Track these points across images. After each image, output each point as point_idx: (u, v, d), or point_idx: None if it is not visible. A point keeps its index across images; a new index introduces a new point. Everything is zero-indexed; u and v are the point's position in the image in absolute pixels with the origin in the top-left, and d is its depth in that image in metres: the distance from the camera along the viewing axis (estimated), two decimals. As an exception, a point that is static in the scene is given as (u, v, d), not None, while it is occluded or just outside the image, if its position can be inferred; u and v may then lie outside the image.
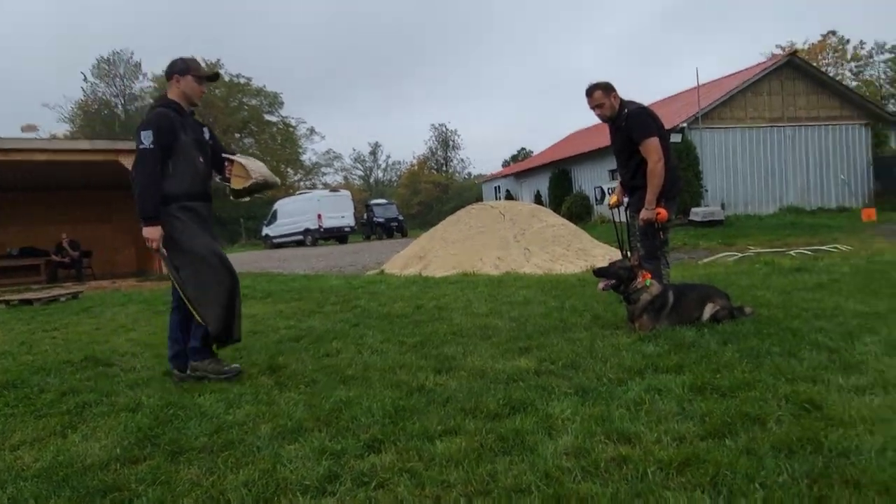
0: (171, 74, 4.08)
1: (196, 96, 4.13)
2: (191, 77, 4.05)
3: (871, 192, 22.15)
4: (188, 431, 2.92)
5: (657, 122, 4.80)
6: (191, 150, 4.01)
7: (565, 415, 2.74)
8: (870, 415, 2.48)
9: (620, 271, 4.52)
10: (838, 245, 11.48)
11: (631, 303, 4.53)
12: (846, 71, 46.83)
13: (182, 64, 4.07)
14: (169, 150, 3.89)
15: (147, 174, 3.84)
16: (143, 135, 3.82)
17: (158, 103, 4.08)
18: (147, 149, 3.82)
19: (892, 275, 6.24)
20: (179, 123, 3.98)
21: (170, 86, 4.10)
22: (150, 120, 3.91)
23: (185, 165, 3.98)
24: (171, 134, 3.91)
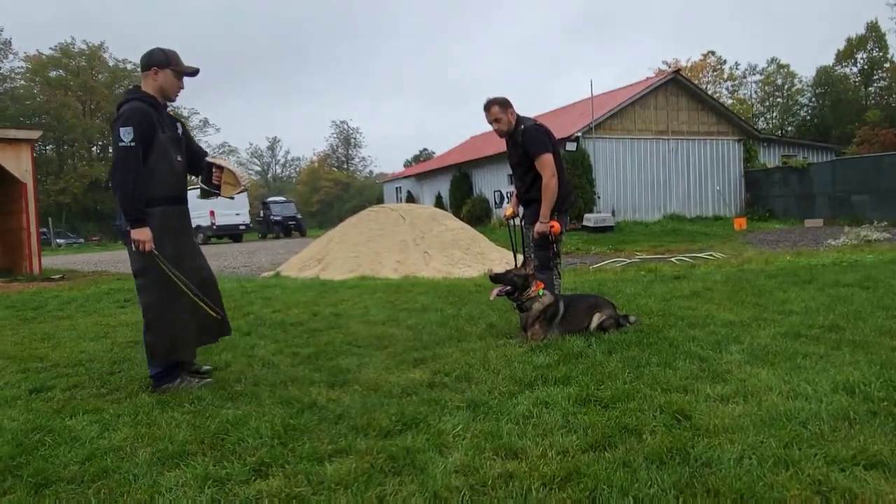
0: (148, 66, 3.80)
1: (173, 92, 3.89)
2: (170, 71, 3.81)
3: (742, 202, 24.17)
4: (56, 460, 2.70)
5: (551, 138, 4.98)
6: (168, 148, 3.78)
7: (456, 430, 2.78)
8: (731, 424, 2.70)
9: (516, 279, 4.65)
10: (714, 252, 12.42)
11: (523, 310, 4.67)
12: (723, 89, 50.81)
13: (162, 56, 3.81)
14: (147, 148, 3.65)
15: (129, 173, 3.58)
16: (122, 131, 3.56)
17: (133, 96, 3.79)
18: (128, 146, 3.56)
19: (757, 283, 6.83)
20: (156, 119, 3.74)
21: (145, 77, 3.83)
22: (129, 115, 3.62)
23: (163, 165, 3.74)
24: (151, 131, 3.67)
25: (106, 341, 5.36)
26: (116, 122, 3.63)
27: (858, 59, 45.26)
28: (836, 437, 2.51)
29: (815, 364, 3.54)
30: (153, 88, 3.82)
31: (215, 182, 4.13)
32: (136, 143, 3.59)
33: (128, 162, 3.59)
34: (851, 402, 2.86)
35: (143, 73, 3.87)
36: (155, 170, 3.71)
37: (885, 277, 6.56)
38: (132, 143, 3.58)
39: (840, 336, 4.18)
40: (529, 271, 4.70)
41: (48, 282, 11.83)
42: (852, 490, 2.09)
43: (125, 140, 3.57)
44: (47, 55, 47.88)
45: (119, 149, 3.59)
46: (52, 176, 46.39)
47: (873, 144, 33.48)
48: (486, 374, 3.70)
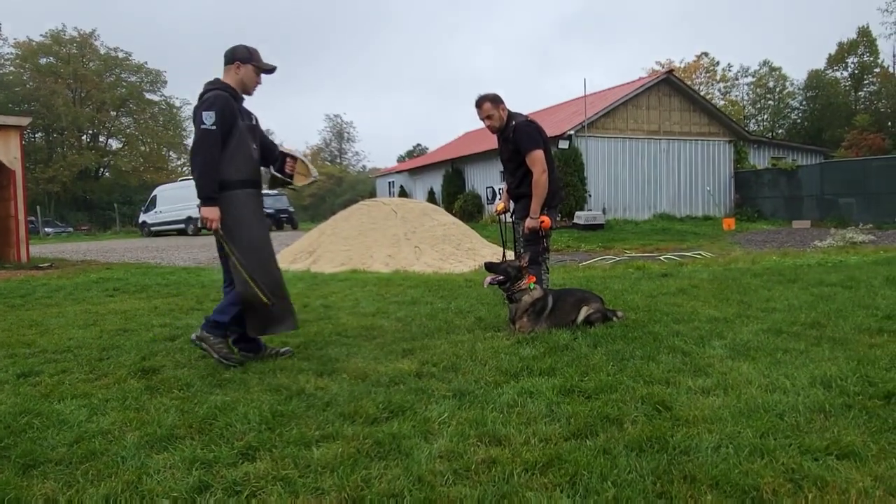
0: (232, 59, 4.04)
1: (252, 86, 4.12)
2: (252, 66, 4.05)
3: (731, 203, 24.36)
4: (44, 442, 2.72)
5: (542, 135, 5.03)
6: (246, 136, 3.99)
7: (442, 418, 2.83)
8: (710, 415, 2.77)
9: (510, 269, 4.74)
10: (702, 252, 12.54)
11: (513, 301, 4.74)
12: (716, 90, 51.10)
13: (245, 52, 4.05)
14: (227, 134, 3.86)
15: (209, 155, 3.80)
16: (205, 115, 3.78)
17: (215, 86, 3.99)
18: (209, 129, 3.78)
19: (742, 282, 6.92)
20: (237, 108, 3.97)
21: (227, 70, 4.06)
22: (212, 101, 3.85)
23: (241, 151, 3.96)
24: (232, 118, 3.89)
25: (95, 329, 5.36)
26: (200, 107, 3.84)
27: (849, 63, 45.68)
28: (812, 429, 2.58)
29: (794, 359, 3.62)
30: (234, 81, 4.04)
31: (288, 171, 4.35)
32: (216, 126, 3.79)
33: (208, 143, 3.79)
34: (827, 396, 2.93)
35: (225, 66, 4.07)
36: (234, 155, 3.92)
37: (867, 278, 6.67)
38: (213, 126, 3.79)
39: (820, 333, 4.26)
40: (524, 264, 4.77)
41: (36, 270, 11.76)
42: (824, 478, 2.16)
43: (207, 123, 3.77)
44: (38, 42, 47.38)
45: (201, 131, 3.79)
46: (41, 164, 45.95)
47: (861, 148, 33.86)
48: (474, 364, 3.75)
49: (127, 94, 50.71)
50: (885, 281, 6.42)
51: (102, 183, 51.05)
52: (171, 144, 53.86)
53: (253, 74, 4.08)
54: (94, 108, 49.70)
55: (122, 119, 52.58)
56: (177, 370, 3.87)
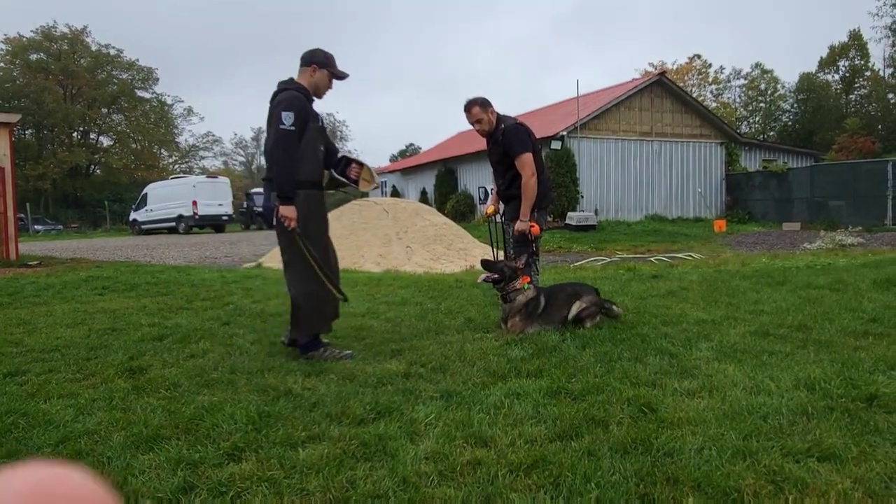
0: (310, 62, 4.14)
1: (324, 91, 4.22)
2: (327, 71, 4.16)
3: (723, 205, 24.49)
4: (30, 441, 2.72)
5: (531, 137, 5.05)
6: (316, 138, 4.10)
7: (429, 419, 2.84)
8: (695, 417, 2.79)
9: (505, 269, 4.78)
10: (692, 253, 12.60)
11: (506, 301, 4.77)
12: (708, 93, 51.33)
13: (323, 57, 4.16)
14: (300, 135, 3.95)
15: (288, 154, 3.90)
16: (284, 115, 3.87)
17: (290, 86, 4.07)
18: (289, 130, 3.88)
19: (732, 284, 6.96)
20: (310, 110, 4.07)
21: (303, 72, 4.15)
22: (291, 101, 3.94)
23: (311, 152, 4.05)
24: (306, 119, 3.99)
25: (83, 328, 5.34)
26: (278, 107, 3.92)
27: (840, 66, 45.98)
28: (794, 431, 2.61)
29: (780, 361, 3.65)
30: (308, 83, 4.13)
31: (353, 176, 4.41)
32: (295, 127, 3.89)
33: (287, 143, 3.89)
34: (811, 398, 2.96)
35: (302, 67, 4.17)
36: (305, 156, 4.01)
37: (855, 281, 6.73)
38: (292, 126, 3.88)
39: (807, 336, 4.30)
40: (520, 265, 4.80)
41: (25, 268, 11.68)
42: (805, 480, 2.18)
43: (286, 123, 3.87)
44: (28, 38, 47.01)
45: (280, 131, 3.88)
46: (30, 161, 45.56)
47: (851, 151, 34.09)
48: (462, 365, 3.76)
49: (118, 92, 50.38)
50: (873, 284, 6.48)
51: (93, 180, 50.70)
52: (162, 142, 53.54)
53: (327, 79, 4.18)
54: (85, 105, 49.34)
55: (114, 116, 52.22)
56: (164, 370, 3.86)
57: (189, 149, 59.08)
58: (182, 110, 56.48)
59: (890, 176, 18.65)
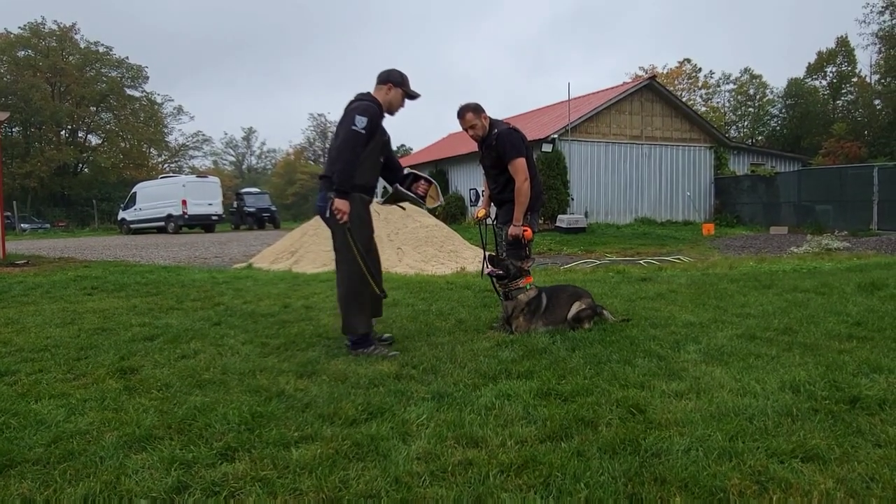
0: (386, 80, 4.39)
1: (396, 109, 4.45)
2: (402, 91, 4.41)
3: (711, 208, 24.69)
4: (21, 442, 2.71)
5: (525, 142, 5.09)
6: (379, 149, 4.35)
7: (420, 420, 2.87)
8: (683, 418, 2.83)
9: (511, 267, 4.85)
10: (681, 256, 12.71)
11: (508, 298, 4.82)
12: (697, 97, 51.69)
13: (399, 77, 4.42)
14: (366, 142, 4.14)
15: (353, 153, 4.08)
16: (358, 119, 4.09)
17: (367, 98, 4.32)
18: (359, 132, 4.08)
19: (719, 287, 7.04)
20: (379, 122, 4.29)
21: (378, 89, 4.40)
22: (367, 108, 4.17)
23: (372, 161, 4.31)
24: (376, 129, 4.21)
25: (73, 327, 5.32)
26: (354, 111, 4.15)
27: (828, 72, 46.45)
28: (779, 432, 2.66)
29: (766, 364, 3.71)
30: (383, 99, 4.36)
31: (420, 193, 4.65)
32: (365, 131, 4.10)
33: (355, 144, 4.09)
34: (796, 400, 3.02)
35: (378, 84, 4.42)
36: (366, 162, 4.21)
37: (840, 284, 6.82)
38: (363, 130, 4.09)
39: (792, 339, 4.37)
40: (526, 266, 4.86)
41: (12, 267, 11.59)
42: (788, 480, 2.23)
43: (358, 126, 4.09)
44: (15, 34, 46.58)
45: (351, 132, 4.09)
46: (17, 159, 45.13)
47: (838, 156, 34.48)
48: (453, 367, 3.79)
49: (107, 90, 50.04)
50: (858, 288, 6.57)
51: (81, 179, 50.28)
52: (151, 141, 53.20)
53: (400, 98, 4.42)
54: (74, 103, 48.93)
55: (102, 114, 51.84)
56: (156, 370, 3.87)
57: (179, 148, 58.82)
58: (172, 109, 56.08)
59: (876, 181, 18.89)
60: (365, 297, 4.28)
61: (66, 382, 3.65)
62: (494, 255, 5.06)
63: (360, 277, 4.22)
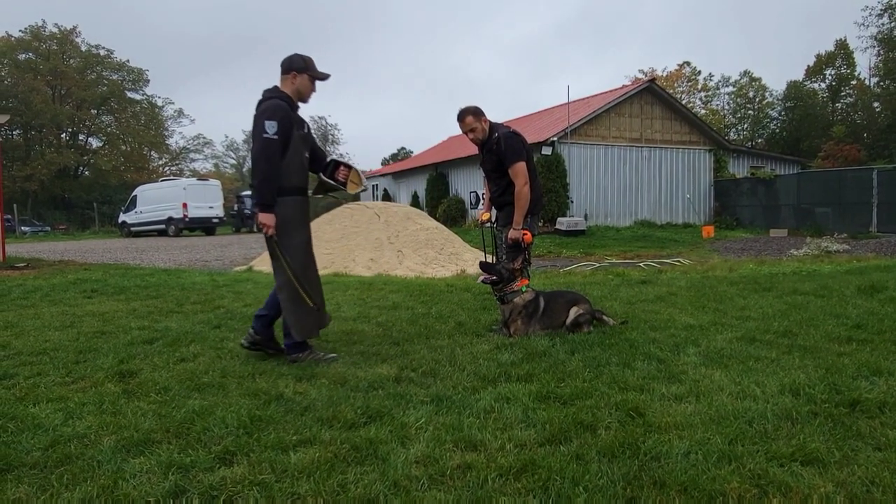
0: (289, 70, 4.16)
1: (308, 95, 4.25)
2: (307, 76, 4.18)
3: (711, 211, 24.69)
4: (19, 446, 2.71)
5: (525, 145, 5.10)
6: (300, 145, 4.13)
7: (419, 423, 2.86)
8: (682, 421, 2.83)
9: (503, 271, 4.85)
10: (681, 259, 12.70)
11: (504, 302, 4.83)
12: (697, 100, 51.72)
13: (301, 62, 4.18)
14: (285, 143, 3.98)
15: (270, 163, 3.91)
16: (267, 124, 3.90)
17: (273, 94, 4.11)
18: (271, 139, 3.90)
19: (719, 289, 7.04)
20: (293, 118, 4.09)
21: (284, 80, 4.18)
22: (273, 110, 3.97)
23: (295, 160, 4.09)
24: (290, 128, 4.03)
25: (72, 331, 5.31)
26: (261, 116, 3.95)
27: (827, 75, 46.49)
28: (779, 435, 2.65)
29: (765, 367, 3.70)
30: (291, 90, 4.16)
31: (341, 179, 4.46)
32: (278, 136, 3.91)
33: (270, 152, 3.90)
34: (795, 403, 3.01)
35: (282, 75, 4.20)
36: (290, 163, 4.05)
37: (840, 287, 6.82)
38: (275, 135, 3.90)
39: (792, 341, 4.36)
40: (517, 266, 4.85)
41: (12, 270, 11.59)
42: (788, 484, 2.22)
43: (269, 132, 3.90)
44: (16, 37, 46.65)
45: (263, 140, 3.90)
46: (18, 162, 45.16)
47: (837, 159, 34.48)
48: (452, 370, 3.79)
49: (108, 93, 50.10)
50: (857, 290, 6.57)
51: (82, 182, 50.32)
52: (152, 144, 53.23)
53: (309, 83, 4.21)
54: (74, 106, 48.98)
55: (103, 118, 51.90)
56: (154, 373, 3.86)
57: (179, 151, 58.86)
58: (173, 112, 56.20)
59: (875, 183, 18.89)
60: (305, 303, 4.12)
61: (65, 386, 3.64)
62: (485, 262, 5.07)
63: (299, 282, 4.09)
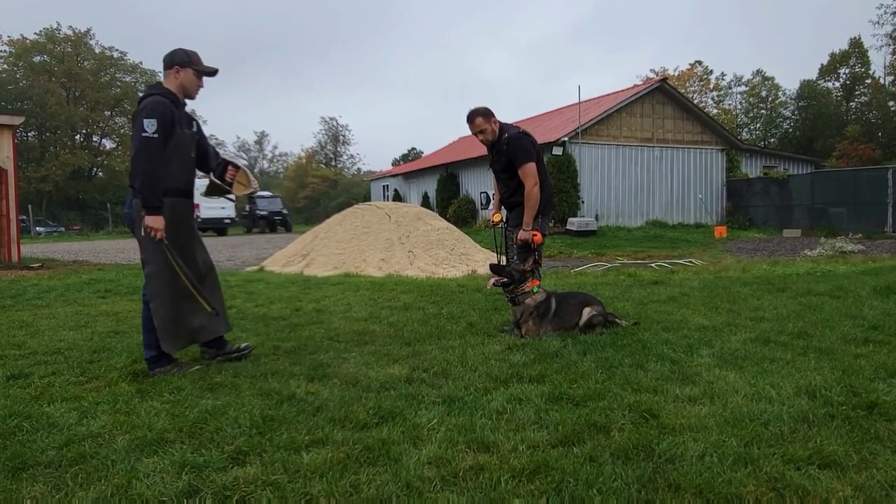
0: (171, 64, 4.00)
1: (194, 90, 4.08)
2: (191, 70, 4.01)
3: (723, 211, 24.51)
4: (34, 444, 2.73)
5: (535, 146, 5.08)
6: (185, 143, 3.98)
7: (431, 424, 2.86)
8: (696, 423, 2.80)
9: (514, 273, 4.83)
10: (693, 259, 12.62)
11: (515, 304, 4.80)
12: (709, 99, 51.37)
13: (184, 56, 4.01)
14: (166, 141, 3.82)
15: (151, 162, 3.74)
16: (146, 122, 3.73)
17: (155, 91, 3.95)
18: (151, 137, 3.73)
19: (732, 290, 6.98)
20: (177, 116, 3.92)
21: (167, 76, 4.03)
22: (153, 107, 3.79)
23: (178, 159, 3.94)
24: (171, 125, 3.85)
25: (86, 330, 5.35)
26: (140, 114, 3.77)
27: (841, 74, 46.02)
28: (795, 438, 2.62)
29: (780, 369, 3.66)
30: (175, 86, 4.00)
31: (228, 179, 4.30)
32: (158, 134, 3.75)
33: (150, 151, 3.74)
34: (812, 406, 2.97)
35: (165, 71, 4.04)
36: (171, 163, 3.88)
37: (855, 288, 6.74)
38: (155, 134, 3.74)
39: (807, 343, 4.31)
40: (527, 267, 4.83)
41: (27, 270, 11.71)
42: (805, 487, 2.19)
43: (148, 131, 3.73)
44: (31, 40, 47.19)
45: (142, 139, 3.73)
46: (33, 163, 45.70)
47: (852, 158, 34.11)
48: (464, 370, 3.78)
49: (122, 94, 50.54)
50: (873, 291, 6.49)
51: (95, 183, 50.80)
52: (165, 145, 53.61)
53: (194, 78, 4.04)
54: (88, 108, 49.45)
55: (117, 119, 52.34)
56: (167, 374, 3.87)
57: (191, 152, 59.12)
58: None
59: (890, 183, 18.67)
60: (175, 315, 3.96)
61: (79, 385, 3.67)
62: (495, 264, 5.05)
63: (171, 294, 3.93)
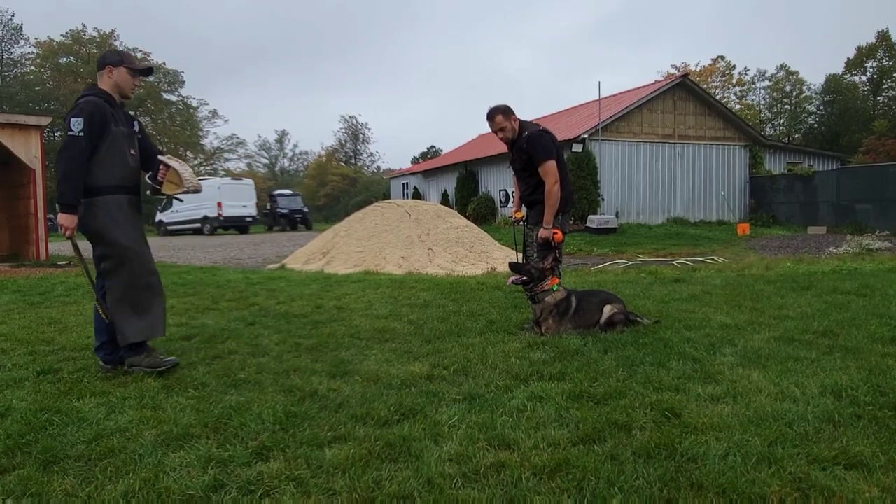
0: (103, 64, 4.04)
1: (128, 89, 4.11)
2: (124, 69, 4.04)
3: (746, 208, 24.18)
4: (64, 438, 2.80)
5: (555, 143, 5.06)
6: (121, 141, 3.97)
7: (452, 421, 2.87)
8: (719, 422, 2.78)
9: (533, 271, 4.82)
10: (716, 257, 12.47)
11: (535, 302, 4.80)
12: (731, 94, 50.65)
13: (116, 56, 4.06)
14: (99, 140, 3.85)
15: (73, 161, 3.76)
16: (73, 121, 3.77)
17: (88, 91, 4.00)
18: (76, 136, 3.76)
19: (756, 288, 6.89)
20: (110, 114, 3.94)
21: (101, 76, 4.05)
22: (81, 107, 3.84)
23: (114, 157, 3.94)
24: (103, 124, 3.87)
25: (112, 327, 5.44)
26: (69, 115, 3.82)
27: (868, 67, 45.08)
28: (820, 438, 2.59)
29: (805, 368, 3.61)
30: (108, 86, 4.03)
31: (159, 178, 4.19)
32: (84, 133, 3.78)
33: (73, 150, 3.76)
34: (837, 406, 2.93)
35: (98, 72, 4.08)
36: (105, 160, 3.90)
37: (882, 286, 6.62)
38: (80, 133, 3.77)
39: (833, 342, 4.25)
40: (547, 265, 4.82)
41: (55, 268, 11.95)
42: (831, 488, 2.17)
43: (74, 130, 3.76)
44: (58, 42, 48.11)
45: (68, 137, 3.78)
46: (59, 163, 46.55)
47: (879, 154, 33.39)
48: (484, 368, 3.78)
49: (145, 94, 51.28)
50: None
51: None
52: (188, 144, 54.40)
53: (127, 76, 4.05)
54: (113, 108, 50.24)
55: (140, 118, 53.00)
56: (192, 370, 3.94)
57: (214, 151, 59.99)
58: (207, 112, 57.21)
59: (920, 179, 18.27)
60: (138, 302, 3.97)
61: (107, 381, 3.75)
62: (514, 262, 5.04)
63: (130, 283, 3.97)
